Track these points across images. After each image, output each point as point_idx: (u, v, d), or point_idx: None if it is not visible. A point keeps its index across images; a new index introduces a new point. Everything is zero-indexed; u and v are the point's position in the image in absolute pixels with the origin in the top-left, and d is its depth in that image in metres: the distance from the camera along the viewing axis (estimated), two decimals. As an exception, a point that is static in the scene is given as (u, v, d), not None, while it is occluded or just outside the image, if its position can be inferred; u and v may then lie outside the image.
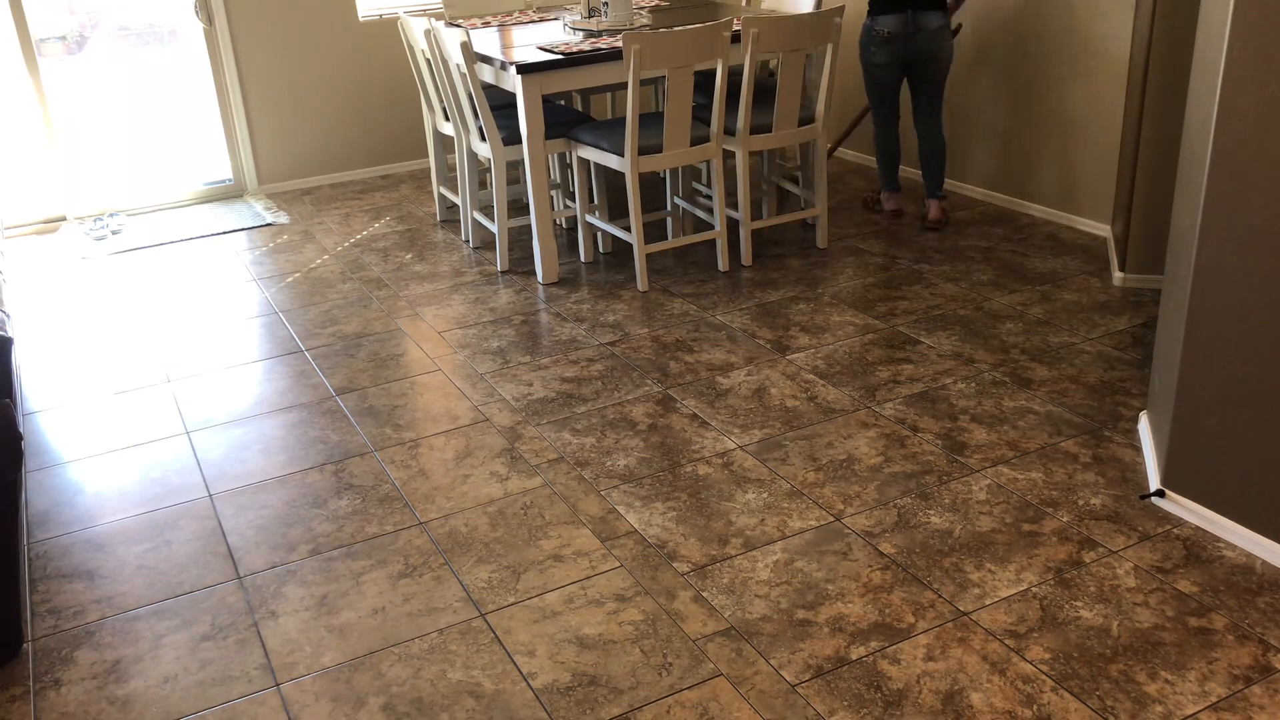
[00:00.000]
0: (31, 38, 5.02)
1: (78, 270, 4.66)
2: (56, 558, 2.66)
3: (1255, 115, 2.20)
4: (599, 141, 4.05)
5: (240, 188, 5.64)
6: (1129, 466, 2.80)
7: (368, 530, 2.70)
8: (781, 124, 4.18)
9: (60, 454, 3.16)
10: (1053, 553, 2.47)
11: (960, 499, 2.69)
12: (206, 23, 5.33)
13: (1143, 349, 3.44)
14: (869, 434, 3.02)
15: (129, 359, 3.76)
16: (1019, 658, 2.15)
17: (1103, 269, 4.09)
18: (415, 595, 2.44)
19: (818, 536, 2.58)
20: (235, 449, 3.13)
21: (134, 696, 2.19)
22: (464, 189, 4.61)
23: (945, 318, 3.75)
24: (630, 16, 4.47)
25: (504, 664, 2.22)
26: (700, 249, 4.54)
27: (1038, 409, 3.10)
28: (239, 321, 4.04)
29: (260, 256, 4.74)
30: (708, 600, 2.37)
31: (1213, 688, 2.05)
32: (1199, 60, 2.54)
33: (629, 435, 3.08)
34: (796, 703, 2.07)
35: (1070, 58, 4.39)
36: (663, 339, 3.70)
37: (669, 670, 2.17)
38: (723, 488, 2.80)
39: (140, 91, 5.83)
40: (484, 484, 2.88)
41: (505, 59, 3.95)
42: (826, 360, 3.47)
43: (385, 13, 5.66)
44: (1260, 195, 2.24)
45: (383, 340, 3.81)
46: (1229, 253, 2.33)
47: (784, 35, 3.98)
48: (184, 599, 2.48)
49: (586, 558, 2.54)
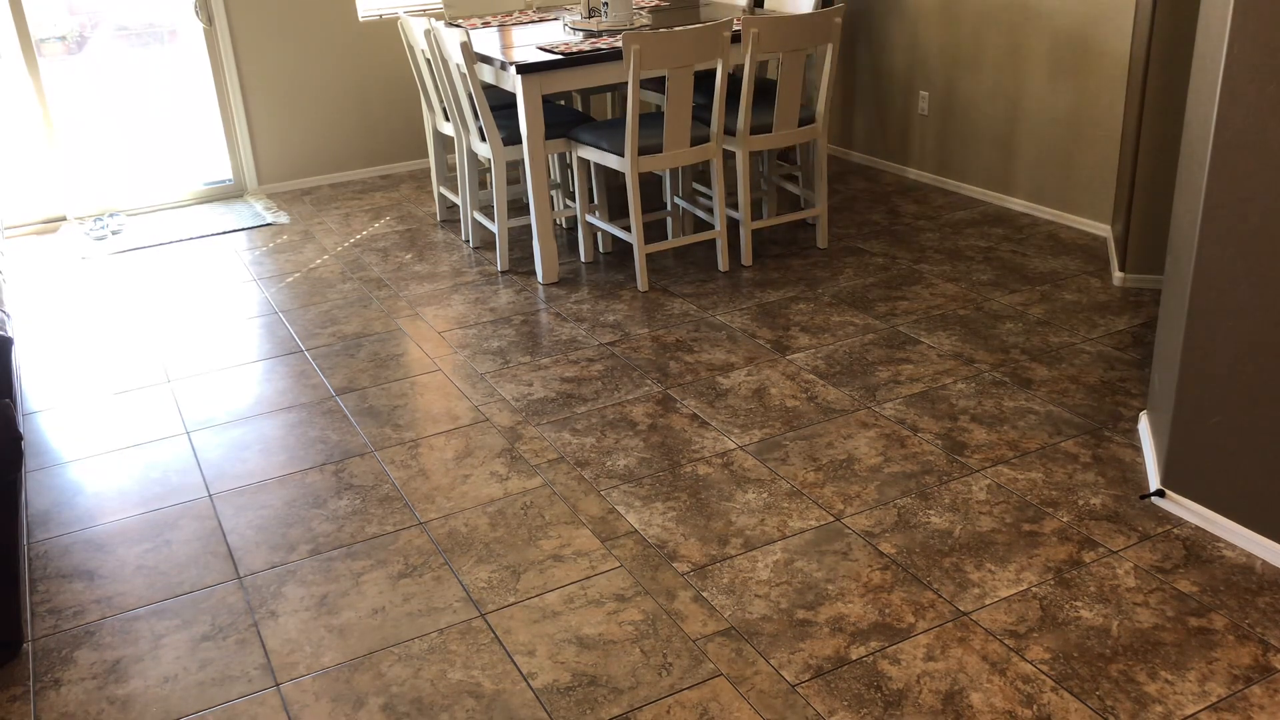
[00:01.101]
0: (31, 38, 5.02)
1: (78, 270, 4.67)
2: (56, 558, 2.66)
3: (1255, 115, 2.20)
4: (599, 141, 4.05)
5: (240, 188, 5.64)
6: (1129, 466, 2.80)
7: (368, 530, 2.70)
8: (781, 124, 4.18)
9: (60, 454, 3.16)
10: (1053, 553, 2.47)
11: (960, 499, 2.69)
12: (206, 23, 5.33)
13: (1143, 349, 3.44)
14: (869, 434, 3.02)
15: (129, 359, 3.76)
16: (1019, 658, 2.15)
17: (1103, 269, 4.09)
18: (415, 595, 2.44)
19: (818, 536, 2.58)
20: (235, 449, 3.13)
21: (134, 696, 2.19)
22: (464, 189, 4.61)
23: (945, 318, 3.75)
24: (630, 16, 4.47)
25: (504, 664, 2.22)
26: (700, 249, 4.54)
27: (1038, 409, 3.10)
28: (239, 321, 4.04)
29: (260, 256, 4.74)
30: (708, 600, 2.37)
31: (1213, 688, 2.05)
32: (1199, 60, 2.54)
33: (629, 435, 3.08)
34: (796, 703, 2.07)
35: (1070, 58, 4.39)
36: (663, 339, 3.70)
37: (669, 670, 2.17)
38: (723, 488, 2.80)
39: (140, 91, 5.83)
40: (484, 484, 2.88)
41: (505, 59, 3.95)
42: (826, 360, 3.47)
43: (385, 13, 5.66)
44: (1260, 195, 2.24)
45: (383, 340, 3.82)
46: (1229, 253, 2.33)
47: (784, 35, 3.98)
48: (184, 599, 2.48)
49: (586, 558, 2.54)
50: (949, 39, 4.94)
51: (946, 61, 4.99)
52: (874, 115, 5.54)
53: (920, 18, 5.07)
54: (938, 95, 5.09)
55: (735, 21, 4.05)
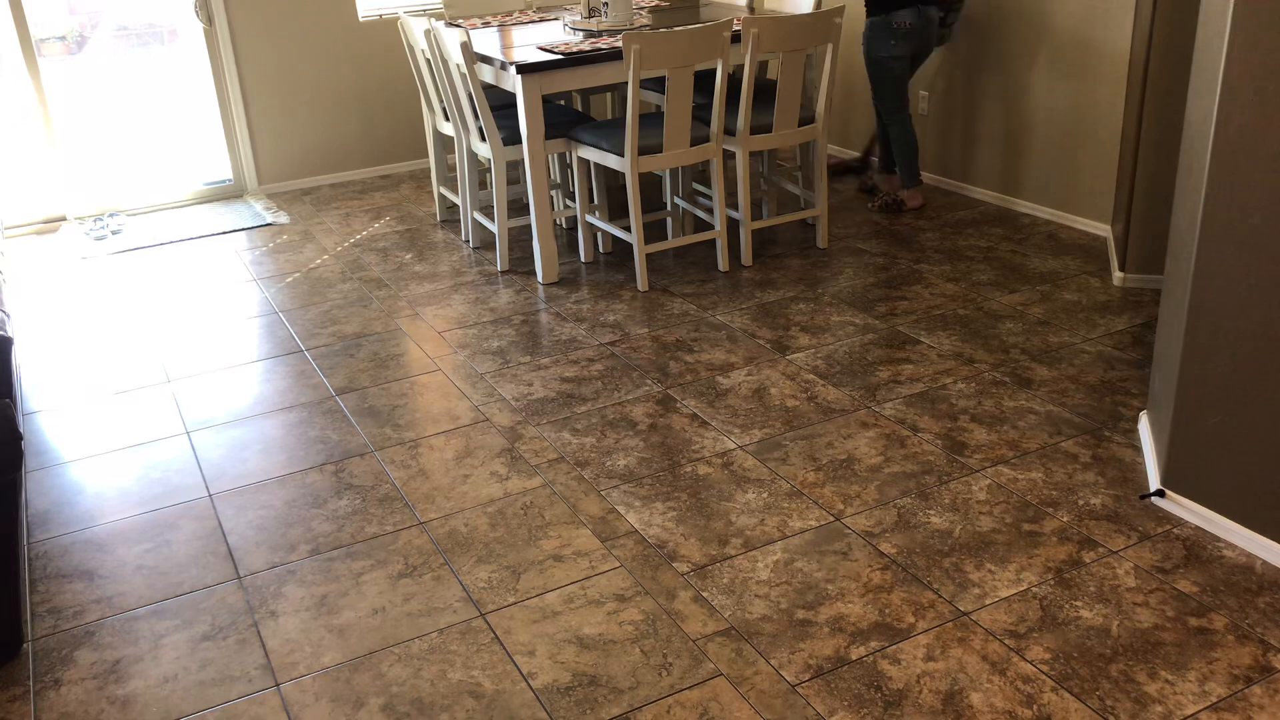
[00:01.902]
0: (31, 38, 5.02)
1: (78, 270, 4.67)
2: (56, 558, 2.66)
3: (1255, 115, 2.20)
4: (599, 141, 4.05)
5: (240, 188, 5.64)
6: (1129, 466, 2.80)
7: (368, 530, 2.70)
8: (781, 124, 4.18)
9: (60, 454, 3.16)
10: (1053, 553, 2.47)
11: (960, 499, 2.69)
12: (206, 23, 5.33)
13: (1143, 349, 3.44)
14: (869, 434, 3.02)
15: (129, 359, 3.76)
16: (1019, 658, 2.15)
17: (1103, 269, 4.09)
18: (415, 595, 2.44)
19: (818, 536, 2.58)
20: (235, 449, 3.13)
21: (134, 696, 2.19)
22: (464, 189, 4.61)
23: (945, 318, 3.75)
24: (630, 16, 4.47)
25: (504, 664, 2.22)
26: (700, 249, 4.54)
27: (1038, 409, 3.10)
28: (239, 321, 4.04)
29: (260, 256, 4.74)
30: (708, 600, 2.37)
31: (1213, 688, 2.05)
32: (1199, 60, 2.54)
33: (629, 435, 3.08)
34: (796, 703, 2.07)
35: (1070, 58, 4.39)
36: (663, 339, 3.70)
37: (669, 670, 2.17)
38: (723, 488, 2.80)
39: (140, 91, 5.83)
40: (484, 484, 2.88)
41: (505, 59, 3.95)
42: (826, 360, 3.47)
43: (385, 13, 5.66)
44: (1260, 195, 2.24)
45: (383, 340, 3.82)
46: (1229, 253, 2.33)
47: (784, 35, 3.98)
48: (184, 599, 2.48)
49: (586, 558, 2.54)
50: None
51: (947, 61, 4.99)
52: (874, 115, 5.54)
53: (920, 18, 5.07)
54: (938, 95, 5.09)
55: (735, 21, 4.05)
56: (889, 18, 4.46)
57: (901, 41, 4.49)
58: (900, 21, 4.44)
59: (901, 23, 4.44)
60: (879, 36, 4.51)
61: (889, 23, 4.47)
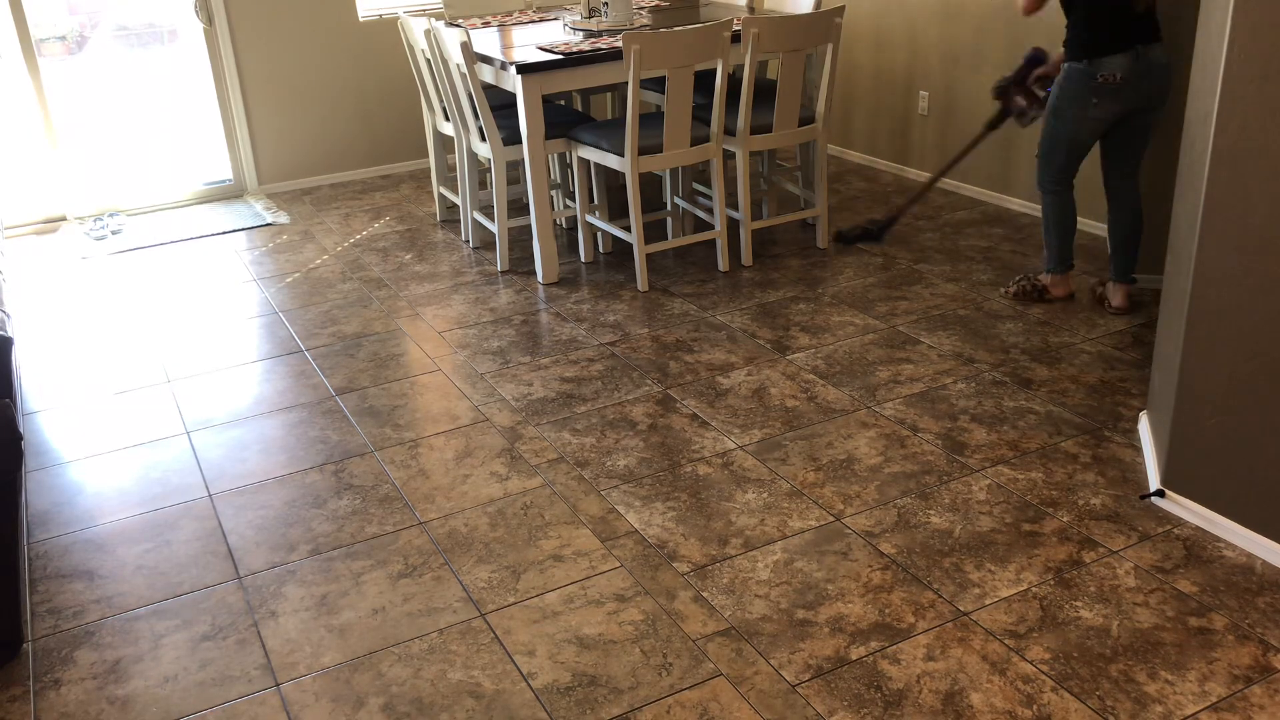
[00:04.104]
0: (31, 38, 5.02)
1: (78, 270, 4.66)
2: (56, 558, 2.66)
3: (1255, 115, 2.20)
4: (599, 141, 4.05)
5: (240, 188, 5.64)
6: (1129, 466, 2.80)
7: (368, 530, 2.70)
8: (781, 124, 4.18)
9: (60, 454, 3.16)
10: (1053, 553, 2.47)
11: (960, 499, 2.69)
12: (206, 23, 5.33)
13: (1143, 349, 3.44)
14: (869, 434, 3.02)
15: (129, 359, 3.76)
16: (1019, 658, 2.15)
17: (1102, 269, 4.09)
18: (415, 595, 2.44)
19: (818, 536, 2.58)
20: (235, 449, 3.13)
21: (134, 696, 2.19)
22: (464, 189, 4.61)
23: (945, 318, 3.75)
24: (630, 16, 4.47)
25: (504, 664, 2.22)
26: (700, 249, 4.54)
27: (1038, 409, 3.10)
28: (239, 321, 4.04)
29: (260, 256, 4.74)
30: (708, 600, 2.37)
31: (1213, 688, 2.05)
32: (1199, 60, 2.54)
33: (629, 435, 3.08)
34: (796, 703, 2.07)
35: (1070, 58, 4.38)
36: (663, 339, 3.70)
37: (669, 670, 2.17)
38: (723, 488, 2.80)
39: (140, 91, 5.83)
40: (484, 484, 2.88)
41: (505, 59, 3.95)
42: (826, 360, 3.47)
43: (385, 13, 5.65)
44: (1260, 195, 2.24)
45: (383, 340, 3.81)
46: (1229, 253, 2.33)
47: (784, 35, 3.98)
48: (184, 599, 2.48)
49: (586, 558, 2.54)
50: (949, 39, 4.94)
51: (946, 61, 4.99)
52: (873, 115, 5.54)
53: (920, 17, 5.07)
54: (938, 95, 5.09)
55: (735, 21, 4.05)
56: (1092, 66, 3.32)
57: (1106, 101, 3.36)
58: (1108, 75, 3.30)
59: (1110, 76, 3.30)
60: (1074, 90, 3.39)
61: (1090, 74, 3.33)
